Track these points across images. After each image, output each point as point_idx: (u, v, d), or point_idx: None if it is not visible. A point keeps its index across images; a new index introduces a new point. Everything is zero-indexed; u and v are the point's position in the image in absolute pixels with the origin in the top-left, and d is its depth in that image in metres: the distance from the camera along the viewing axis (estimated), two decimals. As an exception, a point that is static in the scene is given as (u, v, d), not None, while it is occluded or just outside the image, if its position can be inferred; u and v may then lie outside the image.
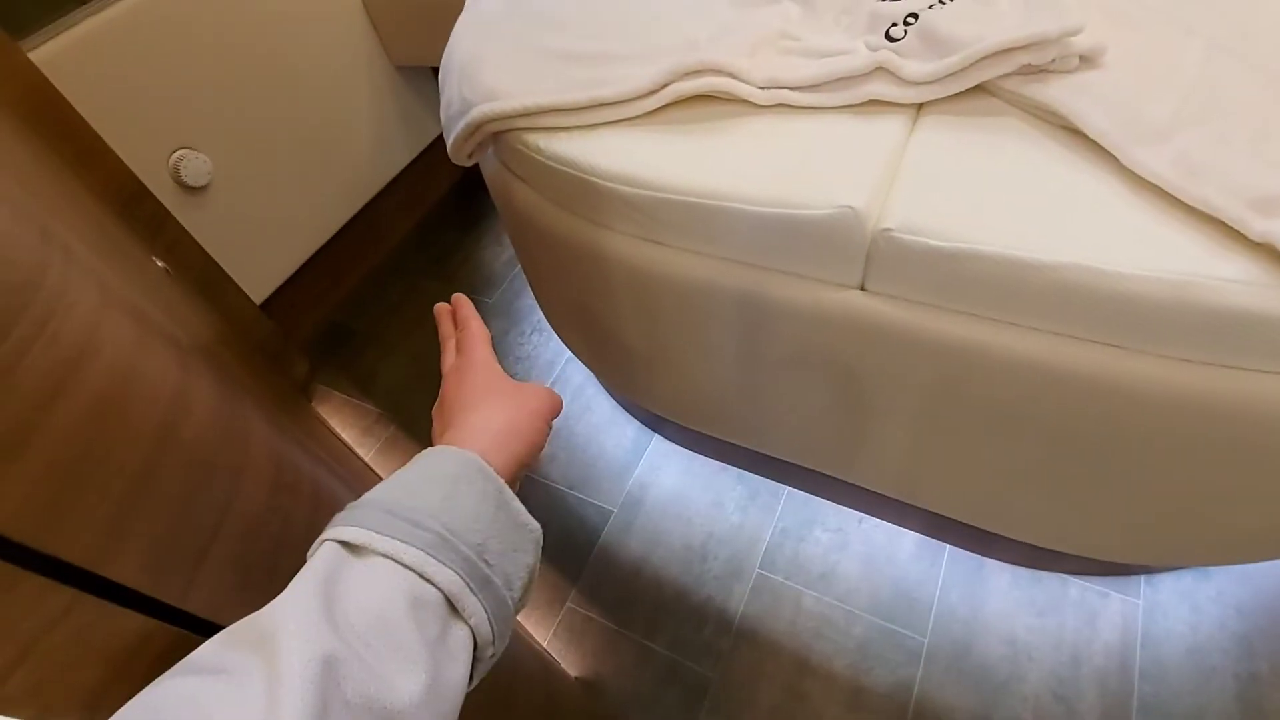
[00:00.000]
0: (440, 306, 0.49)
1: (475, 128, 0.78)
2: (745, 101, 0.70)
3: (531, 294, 1.28)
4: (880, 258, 0.62)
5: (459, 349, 0.44)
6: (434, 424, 0.41)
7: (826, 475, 0.97)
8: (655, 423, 1.21)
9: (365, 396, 1.38)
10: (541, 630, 1.03)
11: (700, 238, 0.70)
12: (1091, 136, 0.58)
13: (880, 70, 0.67)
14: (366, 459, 1.26)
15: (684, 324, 0.79)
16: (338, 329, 1.51)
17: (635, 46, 0.77)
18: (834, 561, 1.02)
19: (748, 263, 0.69)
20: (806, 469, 0.98)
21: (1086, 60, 0.63)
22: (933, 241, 0.58)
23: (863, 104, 0.68)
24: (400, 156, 1.54)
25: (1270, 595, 0.92)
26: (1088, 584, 0.95)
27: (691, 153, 0.69)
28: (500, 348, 1.40)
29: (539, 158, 0.75)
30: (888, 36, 0.69)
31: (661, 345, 0.86)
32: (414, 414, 1.34)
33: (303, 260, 1.37)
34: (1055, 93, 0.61)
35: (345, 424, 1.36)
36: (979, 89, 0.66)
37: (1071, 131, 0.61)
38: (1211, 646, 0.89)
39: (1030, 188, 0.59)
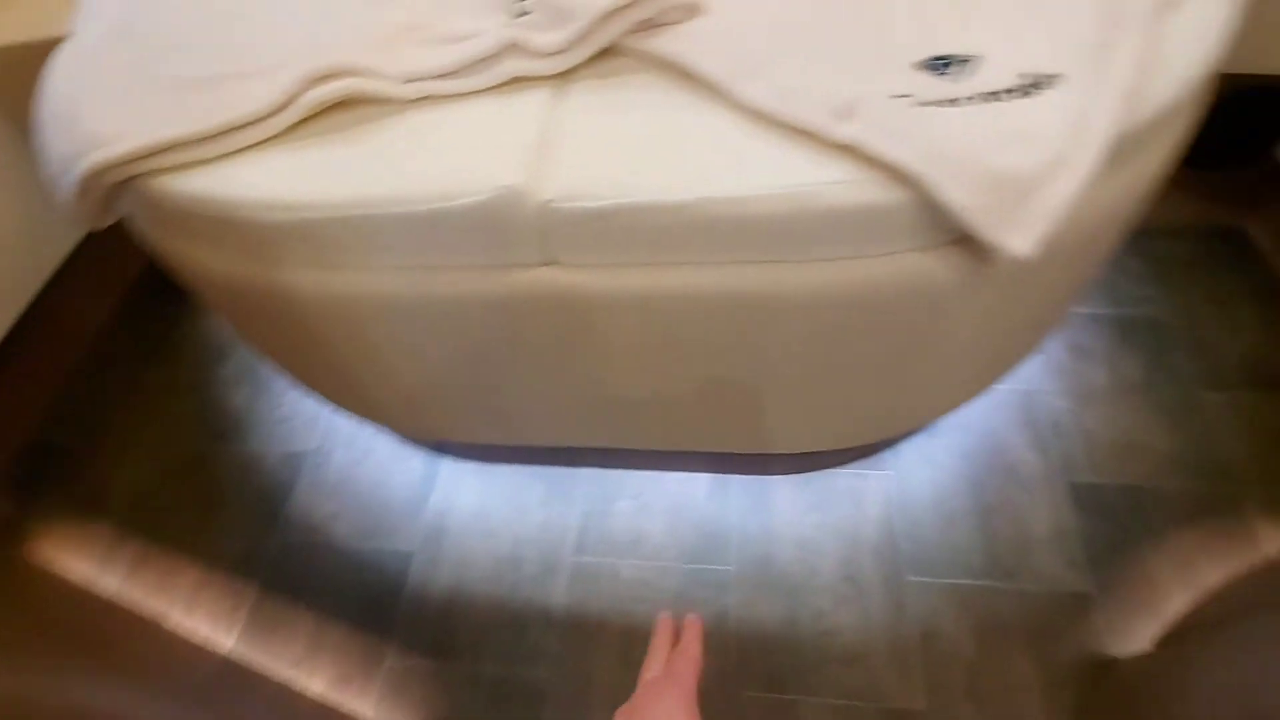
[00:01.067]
0: (664, 619, 0.50)
1: (88, 182, 0.67)
2: (388, 100, 0.67)
3: (266, 349, 1.16)
4: (552, 230, 0.62)
5: (669, 666, 0.45)
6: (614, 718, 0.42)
7: (612, 448, 0.99)
8: (439, 445, 1.15)
9: (96, 517, 1.17)
10: (364, 702, 0.95)
11: (374, 251, 0.66)
12: (703, 80, 0.63)
13: (514, 47, 0.67)
14: (114, 588, 1.07)
15: (395, 343, 0.75)
16: (44, 450, 1.26)
17: (261, 61, 0.71)
18: (640, 525, 1.05)
19: (432, 264, 0.67)
20: (592, 447, 0.99)
21: (691, 10, 0.68)
22: (589, 204, 0.59)
23: (508, 82, 0.68)
24: (65, 232, 1.31)
25: (986, 436, 1.10)
26: (849, 471, 1.07)
27: (341, 163, 0.64)
28: (255, 416, 1.26)
29: (174, 201, 0.67)
30: (518, 13, 0.70)
31: (384, 369, 0.81)
32: (161, 518, 1.16)
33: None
34: (667, 44, 0.65)
35: (78, 556, 1.14)
36: (614, 51, 0.69)
37: (693, 78, 0.65)
38: (950, 494, 1.04)
39: (666, 136, 0.62)
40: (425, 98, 0.68)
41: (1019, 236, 0.54)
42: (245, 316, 0.81)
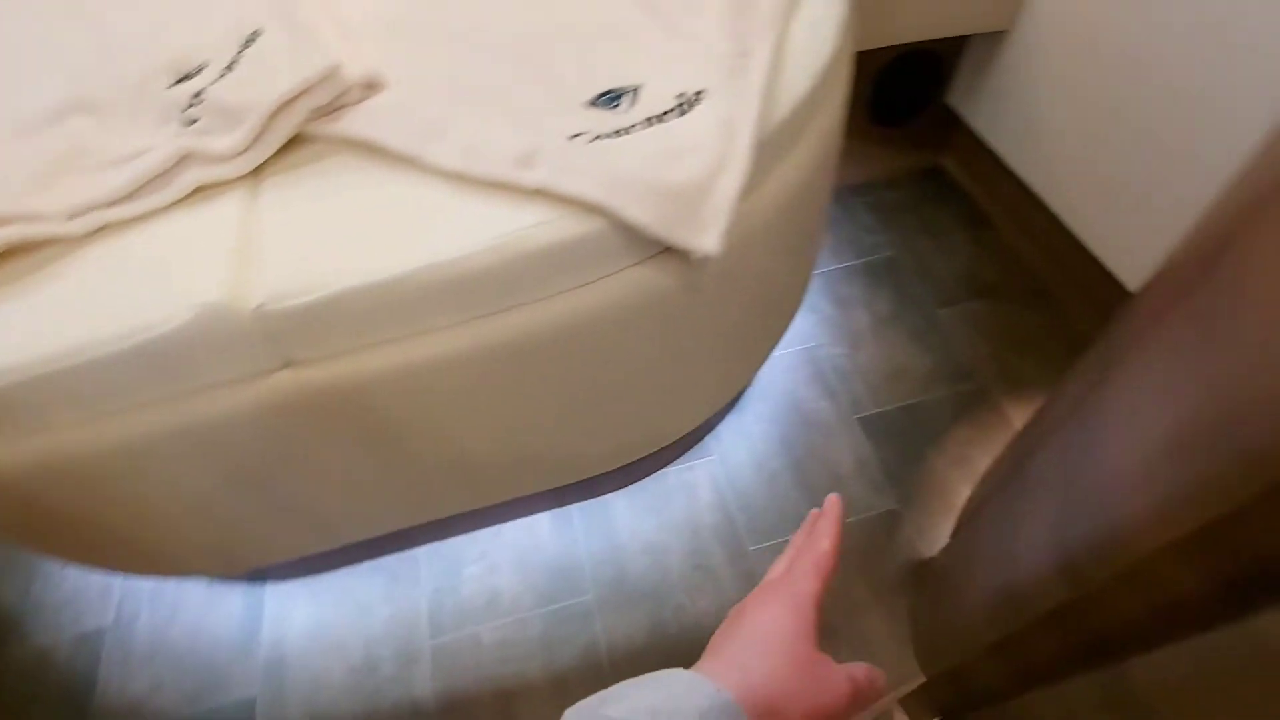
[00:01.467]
0: (813, 512, 0.41)
1: None
2: (56, 241, 0.61)
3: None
4: (276, 333, 0.60)
5: (792, 564, 0.38)
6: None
7: (440, 519, 0.96)
8: (255, 574, 1.06)
9: None
10: None
11: (87, 402, 0.60)
12: (394, 152, 0.64)
13: (191, 156, 0.64)
14: None
15: (159, 488, 0.69)
16: None
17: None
18: (492, 585, 1.03)
19: (161, 399, 0.62)
20: (419, 524, 0.96)
21: (372, 87, 0.69)
22: (304, 299, 0.58)
23: (195, 193, 0.65)
24: None
25: (785, 396, 1.20)
26: (676, 467, 1.13)
27: (18, 321, 0.58)
28: (32, 606, 1.08)
29: None
30: (186, 122, 0.67)
31: (159, 518, 0.74)
32: (-73, 767, 0.96)
33: None
34: (350, 125, 0.66)
35: None
36: (301, 140, 0.68)
37: (383, 152, 0.66)
38: (768, 459, 1.13)
39: (368, 214, 0.62)
40: (102, 228, 0.63)
41: (704, 237, 0.60)
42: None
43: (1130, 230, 1.09)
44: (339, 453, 0.74)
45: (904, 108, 1.42)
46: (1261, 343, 0.41)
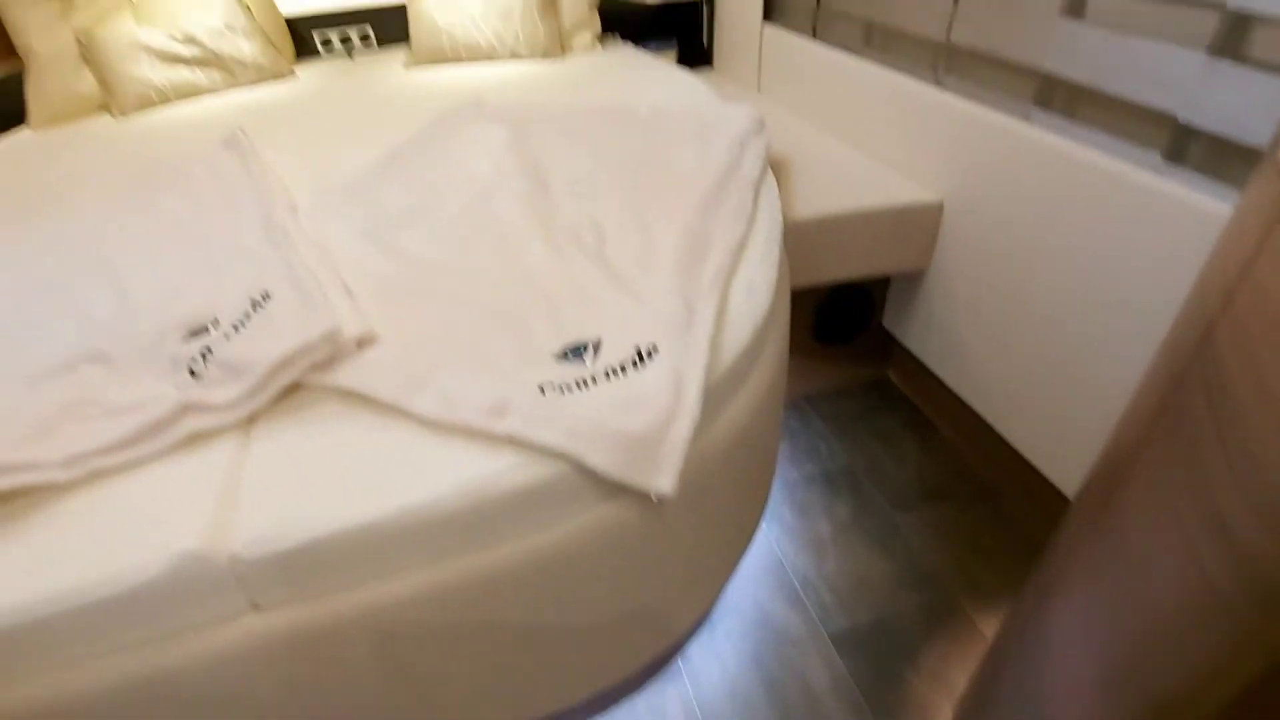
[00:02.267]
0: None
1: None
2: (47, 487, 0.65)
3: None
4: (250, 578, 0.62)
5: None
6: None
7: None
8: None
9: None
10: None
11: (59, 651, 0.59)
12: (382, 401, 0.71)
13: (190, 408, 0.70)
14: None
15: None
16: None
17: (-115, 475, 0.65)
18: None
19: (133, 644, 0.61)
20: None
21: (365, 343, 0.78)
22: (277, 546, 0.61)
23: (187, 440, 0.70)
24: None
25: (753, 610, 1.19)
26: (646, 694, 1.08)
27: (-10, 570, 0.59)
28: None
29: None
30: (191, 374, 0.74)
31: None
32: None
33: None
34: (344, 377, 0.73)
35: None
36: (298, 388, 0.75)
37: (374, 403, 0.73)
38: (740, 678, 1.10)
39: (349, 460, 0.68)
40: (95, 475, 0.67)
41: (659, 479, 0.66)
42: None
43: (1054, 439, 1.19)
44: (303, 693, 0.71)
45: (845, 329, 1.59)
46: (1154, 603, 0.47)
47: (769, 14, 1.79)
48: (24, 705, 0.60)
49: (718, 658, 1.13)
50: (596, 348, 0.76)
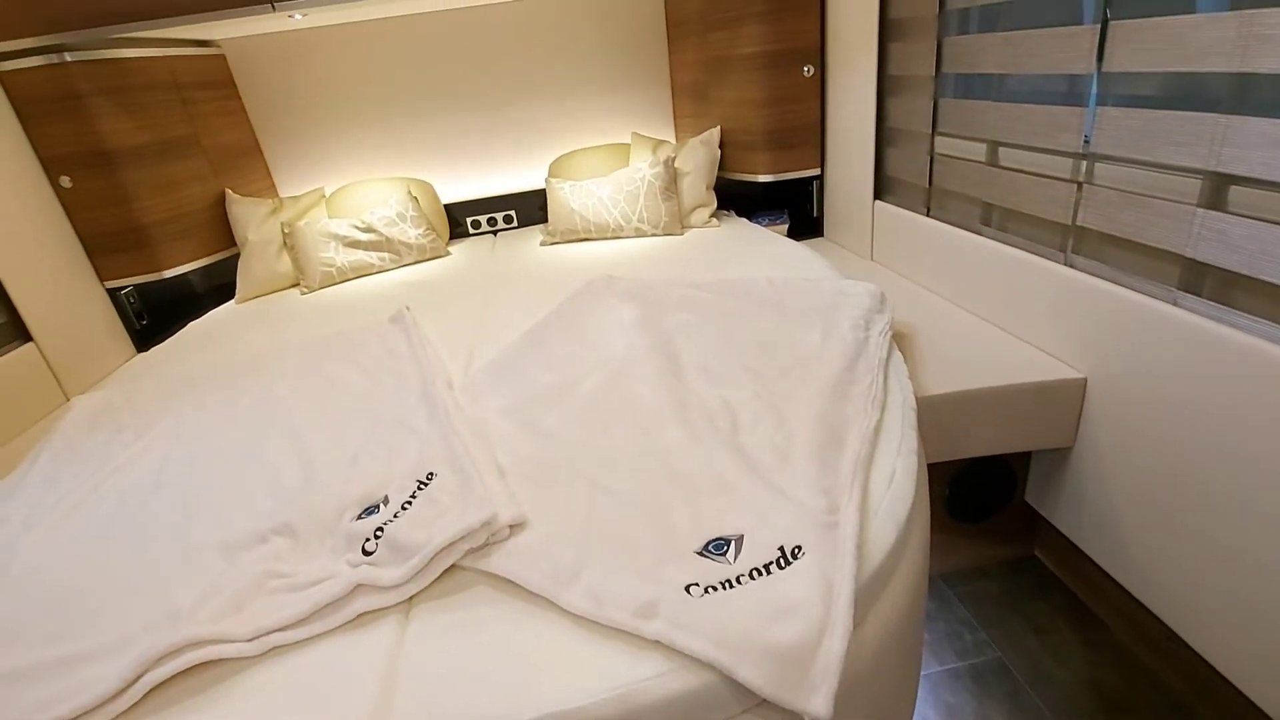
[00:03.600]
0: None
1: None
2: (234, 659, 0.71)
3: None
4: (400, 775, 0.63)
5: None
6: None
7: None
8: None
9: None
10: None
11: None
12: (532, 591, 0.74)
13: (361, 587, 0.76)
14: None
15: None
16: None
17: (107, 635, 0.74)
18: None
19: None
20: None
21: (517, 527, 0.82)
22: (435, 745, 0.62)
23: (355, 618, 0.75)
24: None
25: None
26: None
27: (175, 749, 0.64)
28: None
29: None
30: (364, 551, 0.80)
31: None
32: None
33: None
34: (496, 563, 0.77)
35: None
36: (455, 568, 0.80)
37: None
38: None
39: (505, 653, 0.69)
40: (275, 648, 0.72)
41: (814, 699, 0.63)
42: None
43: (1248, 647, 1.02)
44: None
45: (984, 505, 1.49)
46: None
47: (879, 192, 1.89)
48: None
49: None
50: (739, 545, 0.76)
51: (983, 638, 1.34)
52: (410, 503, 0.86)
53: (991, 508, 1.49)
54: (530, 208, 2.50)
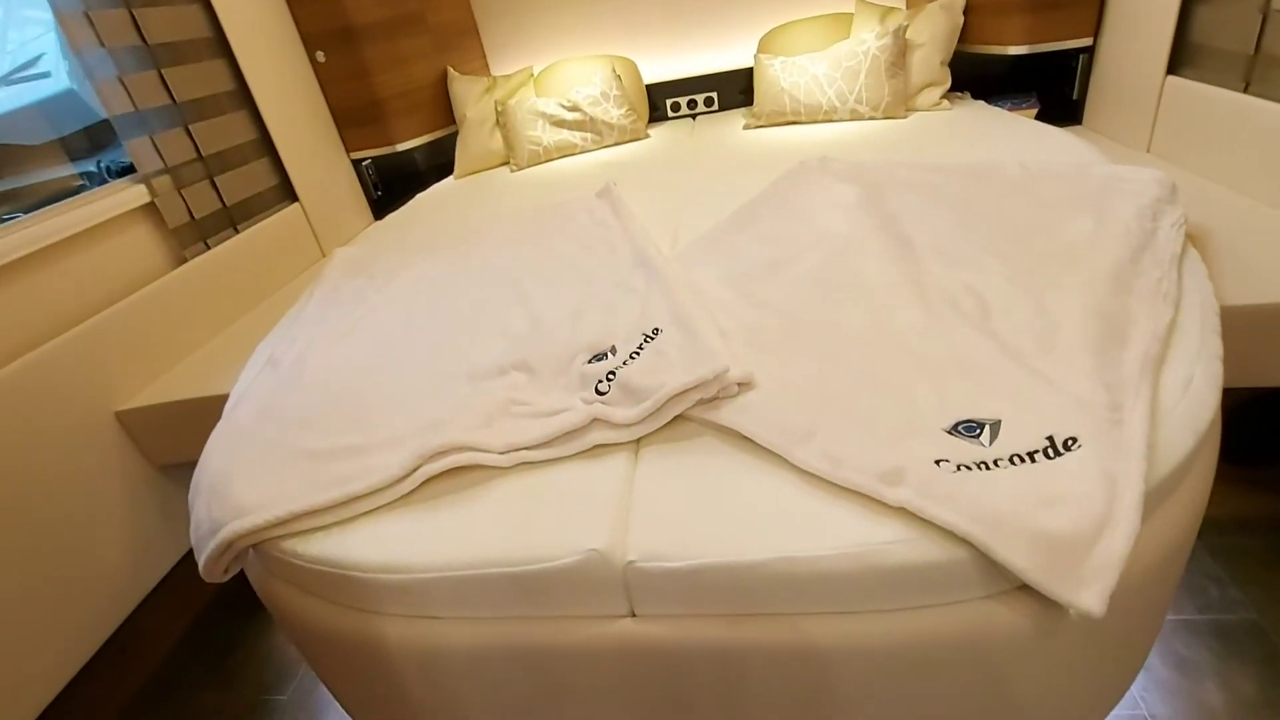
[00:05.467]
0: None
1: (226, 546, 0.77)
2: (490, 467, 0.78)
3: (329, 681, 1.15)
4: (636, 586, 0.67)
5: None
6: None
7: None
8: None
9: None
10: None
11: (472, 606, 0.71)
12: (762, 445, 0.73)
13: (596, 421, 0.80)
14: None
15: (478, 691, 0.76)
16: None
17: (382, 435, 0.85)
18: None
19: (523, 616, 0.71)
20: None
21: (744, 385, 0.81)
22: (671, 564, 0.65)
23: (590, 449, 0.79)
24: (164, 558, 1.42)
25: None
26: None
27: (448, 528, 0.73)
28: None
29: (299, 562, 0.75)
30: (597, 391, 0.84)
31: (462, 715, 0.80)
32: None
33: (56, 691, 1.13)
34: (727, 415, 0.77)
35: None
36: (680, 418, 0.81)
37: (751, 441, 0.76)
38: None
39: (733, 495, 0.70)
40: (522, 464, 0.79)
41: (1086, 593, 0.56)
42: (333, 656, 0.83)
43: None
44: (632, 705, 0.75)
45: (1265, 448, 1.25)
46: None
47: (1176, 65, 1.53)
48: (437, 641, 0.72)
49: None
50: (995, 429, 0.69)
51: (1235, 595, 1.16)
52: (638, 353, 0.88)
53: (1273, 452, 1.24)
54: (732, 89, 2.37)
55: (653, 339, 0.90)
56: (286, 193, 1.98)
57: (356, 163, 2.27)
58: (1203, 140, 1.45)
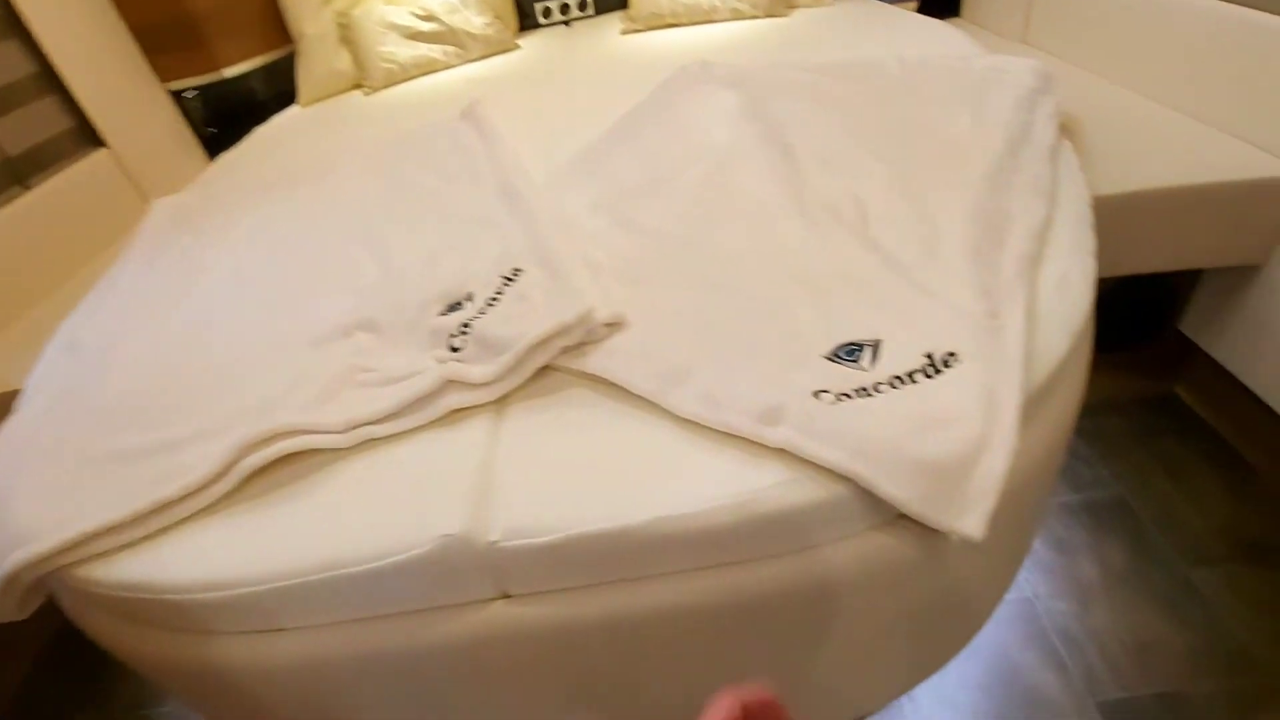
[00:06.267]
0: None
1: (11, 578, 0.63)
2: (328, 450, 0.68)
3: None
4: (503, 566, 0.60)
5: None
6: None
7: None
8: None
9: None
10: None
11: (320, 613, 0.62)
12: (635, 392, 0.66)
13: (450, 383, 0.70)
14: None
15: (354, 703, 0.68)
16: None
17: (203, 421, 0.72)
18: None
19: (382, 615, 0.63)
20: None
21: (614, 325, 0.73)
22: (540, 539, 0.58)
23: (446, 416, 0.70)
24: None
25: (998, 659, 1.02)
26: (866, 731, 0.97)
27: (279, 529, 0.63)
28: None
29: (102, 590, 0.63)
30: (451, 348, 0.74)
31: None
32: None
33: None
34: (595, 361, 0.69)
35: None
36: (548, 370, 0.72)
37: (623, 389, 0.68)
38: (978, 733, 0.95)
39: (605, 456, 0.63)
40: (367, 441, 0.68)
41: (967, 518, 0.54)
42: (185, 686, 0.73)
43: None
44: (523, 691, 0.70)
45: (1131, 332, 1.31)
46: None
47: (1048, -53, 1.49)
48: (285, 657, 0.63)
49: (951, 709, 0.98)
50: (876, 349, 0.65)
51: (1105, 474, 1.23)
52: (496, 299, 0.77)
53: (1138, 336, 1.30)
54: (607, -8, 2.16)
55: (513, 281, 0.79)
56: (88, 137, 1.67)
57: (177, 95, 1.94)
58: (1075, 28, 1.44)
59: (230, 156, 1.76)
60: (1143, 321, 1.30)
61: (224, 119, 2.13)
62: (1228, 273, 1.15)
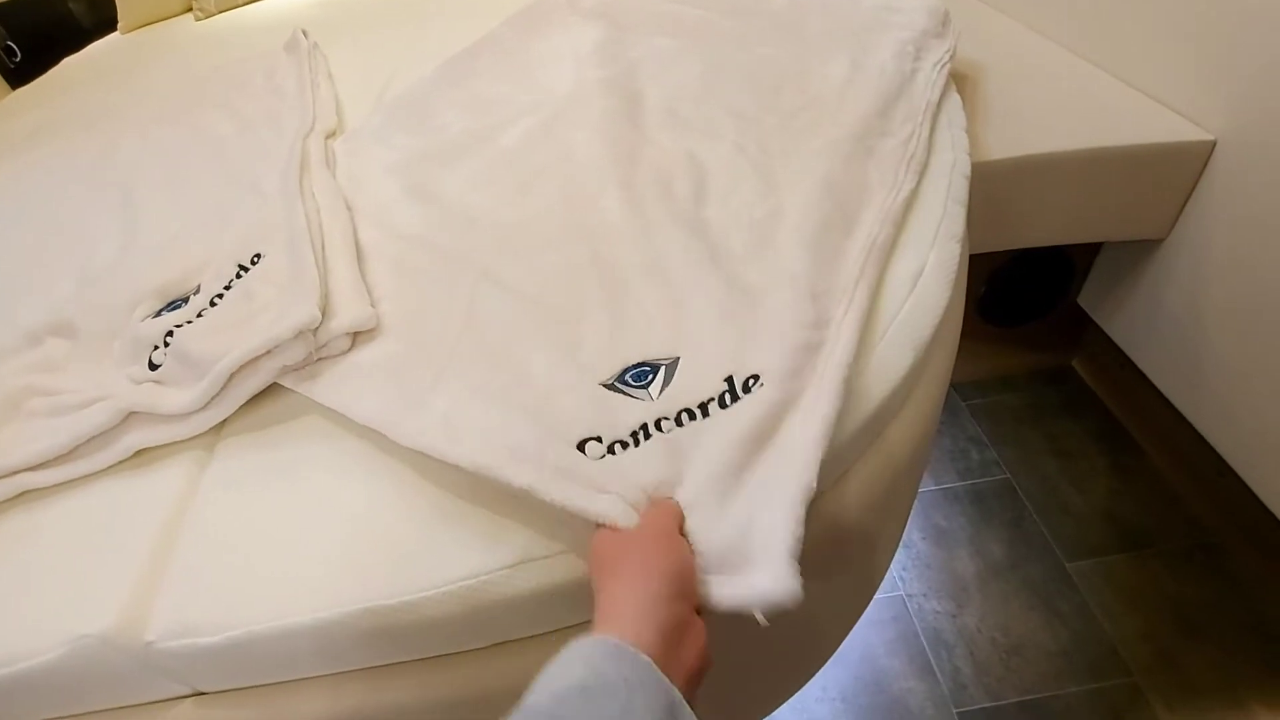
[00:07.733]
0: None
1: None
2: (-34, 510, 0.52)
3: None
4: (172, 665, 0.46)
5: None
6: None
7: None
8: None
9: None
10: None
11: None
12: (364, 423, 0.51)
13: (135, 415, 0.54)
14: None
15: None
16: None
17: None
18: None
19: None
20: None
21: (364, 335, 0.57)
22: (203, 640, 0.44)
23: (135, 457, 0.54)
24: None
25: (864, 664, 0.96)
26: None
27: None
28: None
29: None
30: (150, 364, 0.57)
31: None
32: None
33: None
34: (324, 387, 0.54)
35: None
36: (279, 390, 0.57)
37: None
38: (836, 751, 0.88)
39: (319, 518, 0.49)
40: (21, 494, 0.53)
41: (755, 594, 0.42)
42: None
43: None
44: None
45: (1026, 307, 1.22)
46: None
47: None
48: None
49: (808, 716, 0.91)
50: (671, 370, 0.51)
51: (991, 457, 1.16)
52: (222, 296, 0.61)
53: (1034, 311, 1.22)
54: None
55: (247, 271, 0.62)
56: None
57: (-35, 13, 1.62)
58: (990, -44, 1.28)
59: (28, 92, 1.49)
60: (1041, 295, 1.21)
61: (37, 46, 1.81)
62: (1128, 246, 1.06)
